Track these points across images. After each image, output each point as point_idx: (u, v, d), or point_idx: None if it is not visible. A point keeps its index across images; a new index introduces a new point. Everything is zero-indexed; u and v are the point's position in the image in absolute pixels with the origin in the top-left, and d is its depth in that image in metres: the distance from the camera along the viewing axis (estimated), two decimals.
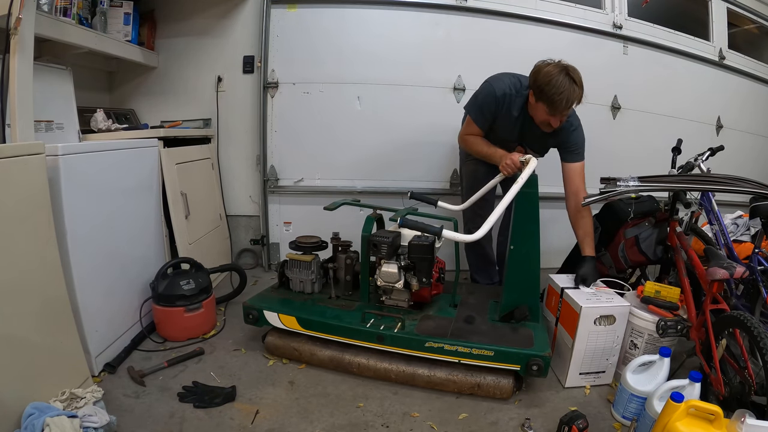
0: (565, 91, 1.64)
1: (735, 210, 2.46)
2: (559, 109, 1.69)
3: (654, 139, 2.93)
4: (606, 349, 1.69)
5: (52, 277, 1.39)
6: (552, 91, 1.65)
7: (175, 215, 2.16)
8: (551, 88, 1.65)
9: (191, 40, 2.75)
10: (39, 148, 1.34)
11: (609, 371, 1.74)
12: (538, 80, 1.69)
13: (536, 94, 1.74)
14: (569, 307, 1.71)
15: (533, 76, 1.73)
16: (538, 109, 1.77)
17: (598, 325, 1.65)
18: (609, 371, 1.74)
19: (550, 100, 1.67)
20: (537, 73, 1.71)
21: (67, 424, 1.19)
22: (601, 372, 1.73)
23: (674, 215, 1.86)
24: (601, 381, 1.74)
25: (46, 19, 1.79)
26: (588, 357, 1.69)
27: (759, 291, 1.76)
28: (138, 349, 1.87)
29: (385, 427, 1.47)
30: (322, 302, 1.90)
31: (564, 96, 1.65)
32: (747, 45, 3.37)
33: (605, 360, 1.71)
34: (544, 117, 1.77)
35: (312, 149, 2.82)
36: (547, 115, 1.75)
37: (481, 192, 2.03)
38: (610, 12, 2.89)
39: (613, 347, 1.70)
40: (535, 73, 1.72)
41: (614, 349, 1.70)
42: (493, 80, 1.93)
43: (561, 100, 1.66)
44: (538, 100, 1.73)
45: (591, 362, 1.70)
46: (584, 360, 1.69)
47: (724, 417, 1.14)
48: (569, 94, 1.65)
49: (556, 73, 1.65)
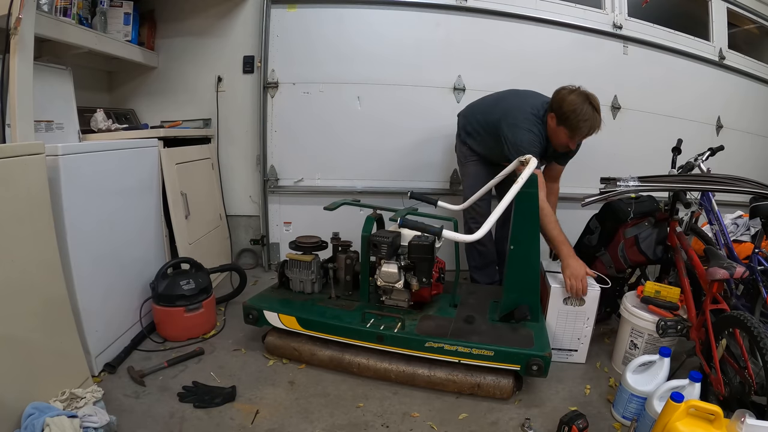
0: (588, 119, 1.80)
1: (735, 210, 2.46)
2: (582, 135, 1.85)
3: (654, 139, 2.93)
4: (576, 329, 1.83)
5: (52, 277, 1.39)
6: (577, 119, 1.79)
7: (175, 215, 2.16)
8: (576, 116, 1.79)
9: (191, 40, 2.75)
10: (39, 148, 1.34)
11: (582, 351, 1.84)
12: (563, 108, 1.82)
13: (560, 120, 1.86)
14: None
15: (558, 104, 1.84)
16: (559, 132, 1.89)
17: (568, 305, 1.79)
18: (582, 351, 1.84)
19: (575, 128, 1.82)
20: (561, 101, 1.83)
21: (67, 424, 1.19)
22: (573, 350, 1.85)
23: (674, 215, 1.86)
24: (574, 359, 1.87)
25: (46, 19, 1.79)
26: (559, 333, 1.83)
27: (759, 291, 1.76)
28: (138, 349, 1.87)
29: (385, 427, 1.47)
30: (322, 302, 1.90)
31: (588, 124, 1.81)
32: (747, 45, 3.37)
33: (576, 339, 1.83)
34: (564, 140, 1.90)
35: (312, 149, 2.82)
36: (568, 139, 1.89)
37: (482, 191, 2.03)
38: (610, 12, 2.89)
39: (584, 328, 1.81)
40: (559, 101, 1.84)
41: (585, 330, 1.81)
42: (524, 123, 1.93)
43: (584, 128, 1.82)
44: (561, 124, 1.86)
45: (562, 339, 1.84)
46: (555, 336, 1.83)
47: (724, 417, 1.14)
48: (592, 123, 1.81)
49: (580, 102, 1.79)
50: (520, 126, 1.94)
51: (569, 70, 2.80)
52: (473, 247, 2.33)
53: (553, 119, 1.89)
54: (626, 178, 1.68)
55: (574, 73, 2.84)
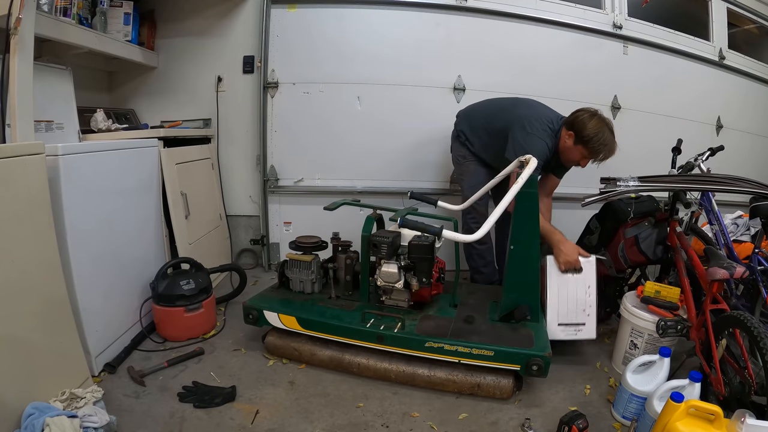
0: (608, 144, 1.89)
1: (735, 210, 2.46)
2: (598, 158, 1.92)
3: (654, 139, 2.93)
4: (579, 299, 1.79)
5: (52, 277, 1.39)
6: (597, 144, 1.87)
7: (175, 215, 2.16)
8: (597, 141, 1.87)
9: (191, 40, 2.75)
10: (39, 148, 1.34)
11: (589, 325, 1.80)
12: (585, 131, 1.88)
13: (579, 141, 1.91)
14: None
15: (580, 126, 1.89)
16: (575, 151, 1.95)
17: (566, 274, 1.82)
18: (589, 325, 1.80)
19: (594, 151, 1.90)
20: (583, 124, 1.89)
21: (67, 424, 1.19)
22: (581, 324, 1.80)
23: (674, 215, 1.86)
24: (584, 335, 1.81)
25: (46, 19, 1.79)
26: (563, 307, 1.79)
27: (759, 291, 1.76)
28: (138, 349, 1.87)
29: (385, 427, 1.47)
30: (322, 302, 1.90)
31: (607, 149, 1.90)
32: (747, 45, 3.37)
33: (582, 311, 1.79)
34: (577, 159, 1.97)
35: (312, 149, 2.82)
36: (581, 158, 1.95)
37: (482, 191, 2.03)
38: (610, 12, 2.89)
39: (587, 298, 1.79)
40: (581, 123, 1.89)
41: (588, 300, 1.79)
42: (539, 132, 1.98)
43: (602, 152, 1.90)
44: (578, 144, 1.91)
45: (567, 313, 1.80)
46: (560, 311, 1.80)
47: (724, 417, 1.14)
48: (611, 148, 1.91)
49: (601, 127, 1.87)
50: (536, 134, 1.98)
51: (569, 70, 2.81)
52: (473, 247, 2.33)
53: (571, 137, 1.93)
54: (626, 178, 1.68)
55: (574, 73, 2.86)
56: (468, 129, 2.28)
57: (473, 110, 2.34)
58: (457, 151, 2.37)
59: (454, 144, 2.40)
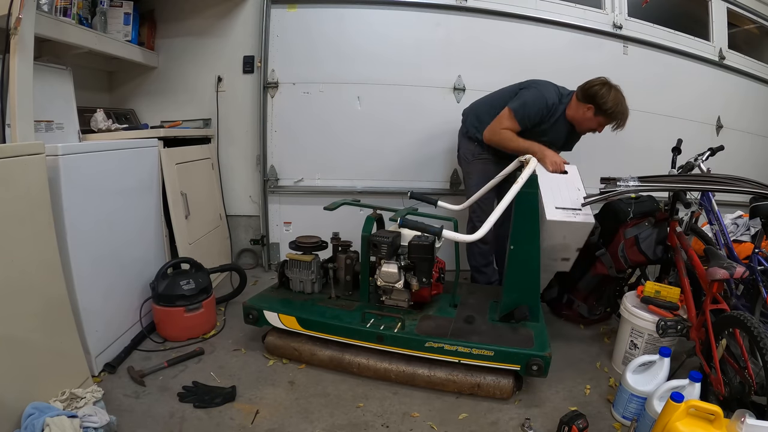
0: (625, 112, 2.03)
1: (735, 210, 2.46)
2: (616, 125, 2.05)
3: (654, 139, 2.93)
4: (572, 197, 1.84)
5: (52, 277, 1.39)
6: (618, 114, 2.01)
7: (175, 215, 2.16)
8: (618, 112, 2.01)
9: (191, 40, 2.75)
10: (39, 148, 1.34)
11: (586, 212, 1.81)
12: (607, 105, 1.99)
13: (601, 113, 2.02)
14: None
15: (600, 100, 1.99)
16: (594, 121, 2.07)
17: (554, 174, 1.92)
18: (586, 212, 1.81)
19: (615, 119, 2.03)
20: (603, 98, 1.99)
21: (67, 424, 1.19)
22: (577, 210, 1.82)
23: (674, 215, 1.86)
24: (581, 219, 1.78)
25: (46, 19, 1.79)
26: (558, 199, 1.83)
27: (759, 291, 1.76)
28: (138, 349, 1.87)
29: (385, 427, 1.47)
30: (322, 302, 1.90)
31: (625, 116, 2.04)
32: (747, 45, 3.37)
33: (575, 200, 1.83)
34: (595, 126, 2.09)
35: (312, 149, 2.82)
36: (599, 126, 2.08)
37: (482, 191, 2.03)
38: (610, 12, 2.89)
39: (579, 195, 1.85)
40: (601, 98, 1.99)
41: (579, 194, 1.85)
42: (541, 87, 2.13)
43: (622, 120, 2.03)
44: (599, 116, 2.04)
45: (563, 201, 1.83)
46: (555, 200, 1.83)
47: (724, 417, 1.14)
48: (627, 114, 2.05)
49: (620, 98, 2.01)
50: (540, 90, 2.11)
51: (569, 69, 2.79)
52: (475, 246, 2.33)
53: (591, 110, 2.03)
54: (626, 178, 1.68)
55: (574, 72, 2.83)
56: (476, 121, 2.28)
57: (479, 103, 2.35)
58: (465, 147, 2.36)
59: (462, 141, 2.39)
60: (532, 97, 2.10)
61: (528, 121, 2.09)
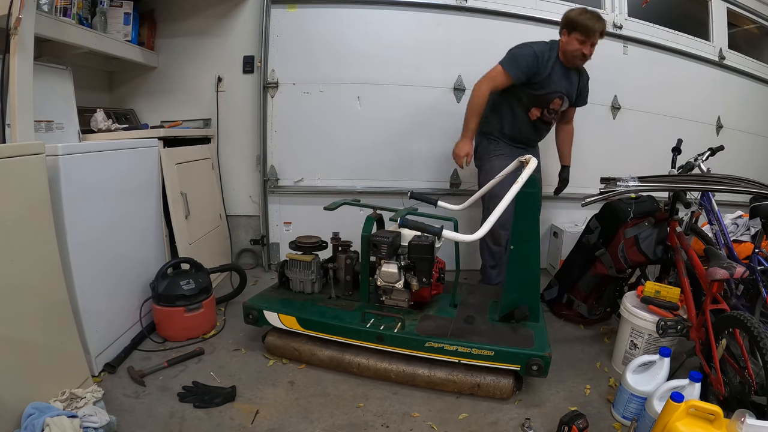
0: (594, 15, 2.07)
1: (735, 210, 2.46)
2: (592, 31, 2.04)
3: (654, 139, 2.93)
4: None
5: (52, 277, 1.39)
6: (585, 20, 2.04)
7: (175, 215, 2.16)
8: (583, 18, 2.04)
9: (191, 40, 2.75)
10: (39, 148, 1.34)
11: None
12: (570, 16, 2.07)
13: (569, 27, 2.08)
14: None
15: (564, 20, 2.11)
16: (571, 42, 2.09)
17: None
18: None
19: (586, 28, 2.04)
20: (565, 16, 2.10)
21: (67, 424, 1.19)
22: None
23: (674, 215, 1.86)
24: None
25: (46, 19, 1.79)
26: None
27: (759, 291, 1.76)
28: (138, 349, 1.87)
29: (385, 427, 1.47)
30: (322, 302, 1.90)
31: (595, 19, 2.05)
32: (747, 45, 3.37)
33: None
34: (578, 47, 2.09)
35: (312, 149, 2.82)
36: (580, 45, 2.08)
37: (483, 190, 2.03)
38: (610, 12, 2.89)
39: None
40: (566, 15, 2.10)
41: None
42: (527, 42, 2.19)
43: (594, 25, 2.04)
44: (572, 33, 2.08)
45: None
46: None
47: (724, 417, 1.14)
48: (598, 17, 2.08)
49: (581, 9, 2.09)
50: (527, 43, 2.18)
51: None
52: (487, 245, 2.33)
53: (564, 34, 2.10)
54: (626, 178, 1.68)
55: None
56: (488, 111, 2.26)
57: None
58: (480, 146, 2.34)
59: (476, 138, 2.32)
60: (519, 50, 2.16)
61: (520, 72, 2.11)
